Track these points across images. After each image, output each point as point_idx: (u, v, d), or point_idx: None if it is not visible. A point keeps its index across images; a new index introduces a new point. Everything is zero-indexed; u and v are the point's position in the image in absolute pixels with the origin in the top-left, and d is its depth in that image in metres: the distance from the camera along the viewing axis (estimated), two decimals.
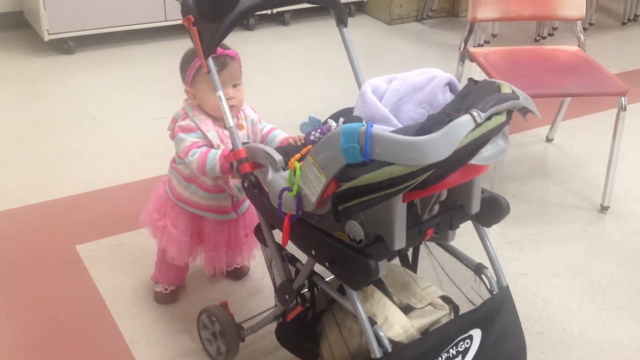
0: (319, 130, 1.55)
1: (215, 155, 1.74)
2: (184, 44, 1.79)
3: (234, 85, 1.84)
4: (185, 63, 1.84)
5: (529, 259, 2.36)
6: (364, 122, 1.40)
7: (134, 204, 2.53)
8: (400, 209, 1.38)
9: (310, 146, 1.48)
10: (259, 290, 2.16)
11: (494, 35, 4.44)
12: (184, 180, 1.90)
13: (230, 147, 1.70)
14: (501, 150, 1.43)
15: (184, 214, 1.93)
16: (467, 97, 1.41)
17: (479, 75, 2.74)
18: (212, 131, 1.82)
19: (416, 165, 1.22)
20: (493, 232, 2.46)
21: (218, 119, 1.83)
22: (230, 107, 1.80)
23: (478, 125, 1.26)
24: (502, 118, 1.34)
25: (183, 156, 1.81)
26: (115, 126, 3.18)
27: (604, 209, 2.64)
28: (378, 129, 1.27)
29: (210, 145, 1.80)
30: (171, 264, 2.04)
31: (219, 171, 1.74)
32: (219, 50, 1.77)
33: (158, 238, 1.98)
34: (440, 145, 1.22)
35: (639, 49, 4.49)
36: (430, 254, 1.87)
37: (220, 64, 1.78)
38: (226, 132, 1.80)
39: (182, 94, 1.89)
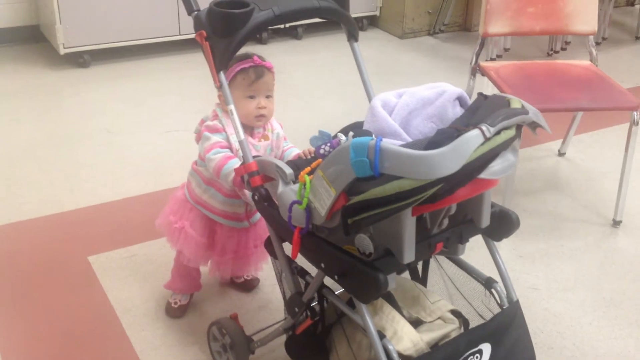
0: (328, 144, 1.56)
1: (234, 164, 1.75)
2: (198, 58, 1.82)
3: (267, 96, 1.86)
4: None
5: (540, 273, 2.35)
6: (373, 136, 1.41)
7: (145, 216, 2.56)
8: (409, 222, 1.38)
9: (320, 160, 1.48)
10: (268, 303, 2.16)
11: (506, 50, 4.44)
12: (203, 183, 1.92)
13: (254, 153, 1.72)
14: (510, 165, 1.43)
15: (201, 217, 1.94)
16: (476, 112, 1.42)
17: (491, 90, 2.75)
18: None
19: (425, 179, 1.22)
20: (504, 247, 2.45)
21: (246, 127, 1.83)
22: (260, 116, 1.84)
23: (487, 139, 1.26)
24: (511, 133, 1.34)
25: (204, 153, 1.81)
26: (129, 139, 3.22)
27: (616, 223, 2.63)
28: (387, 143, 1.27)
29: (231, 149, 1.81)
30: (185, 273, 2.05)
31: (231, 181, 1.75)
32: (257, 60, 1.81)
33: (173, 241, 1.98)
34: (449, 159, 1.22)
35: None
36: (440, 268, 1.87)
37: (257, 74, 1.82)
38: (251, 140, 1.83)
39: (195, 107, 1.91)
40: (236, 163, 1.75)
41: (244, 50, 1.70)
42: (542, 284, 2.30)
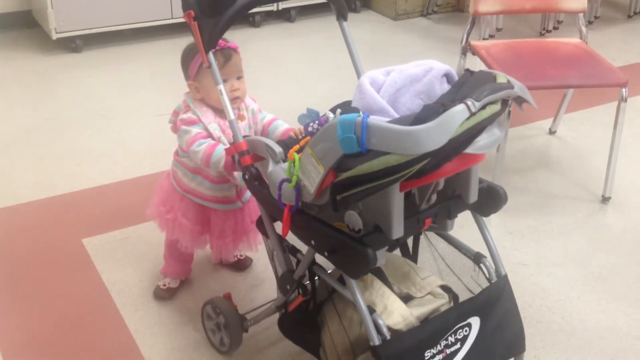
0: (317, 122, 1.58)
1: (222, 150, 1.77)
2: (190, 41, 1.82)
3: (238, 77, 1.87)
4: (188, 57, 1.87)
5: (529, 249, 2.38)
6: (360, 113, 1.42)
7: (139, 199, 2.56)
8: (397, 198, 1.40)
9: (308, 137, 1.50)
10: (261, 282, 2.19)
11: (498, 30, 4.44)
12: (189, 172, 1.93)
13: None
14: (497, 139, 1.44)
15: (193, 204, 1.96)
16: (462, 87, 1.43)
17: (481, 69, 2.76)
18: (214, 123, 1.85)
19: (412, 154, 1.24)
20: (494, 223, 2.48)
21: (219, 111, 1.86)
22: (235, 98, 1.85)
23: (472, 114, 1.28)
24: (496, 107, 1.35)
25: (187, 147, 1.84)
26: (122, 123, 3.22)
27: (605, 200, 2.66)
28: (374, 119, 1.29)
29: (212, 138, 1.83)
30: (178, 257, 2.08)
31: (222, 167, 1.77)
32: (221, 42, 1.81)
33: (168, 231, 2.01)
34: (435, 134, 1.24)
35: None
36: (430, 245, 1.89)
37: (225, 57, 1.82)
38: (227, 123, 1.84)
39: (186, 91, 1.91)
40: (223, 149, 1.77)
41: (231, 32, 1.70)
42: (532, 260, 2.32)
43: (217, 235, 1.99)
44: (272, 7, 4.51)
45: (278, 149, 1.57)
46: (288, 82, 3.71)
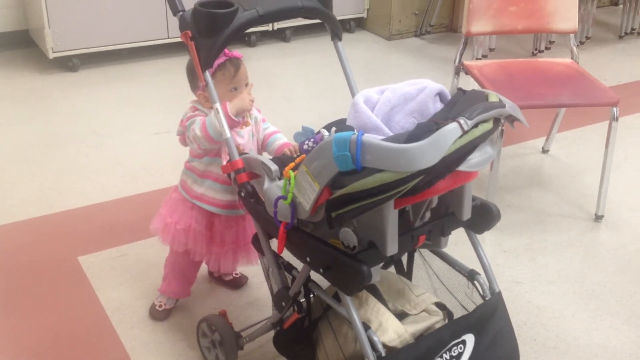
0: (312, 140, 1.60)
1: (212, 114, 1.74)
2: (186, 61, 1.84)
3: (246, 85, 1.88)
4: (192, 71, 1.84)
5: (524, 267, 2.40)
6: (355, 131, 1.45)
7: (135, 216, 2.59)
8: (392, 215, 1.41)
9: (304, 155, 1.52)
10: (257, 300, 2.19)
11: (491, 50, 4.50)
12: (199, 177, 1.92)
13: (240, 144, 1.75)
14: (489, 157, 1.47)
15: (202, 212, 1.94)
16: (455, 106, 1.46)
17: (474, 88, 2.79)
18: None
19: (406, 171, 1.26)
20: (489, 241, 2.50)
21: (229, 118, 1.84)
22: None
23: (465, 132, 1.30)
24: (488, 126, 1.37)
25: (191, 132, 1.80)
26: (118, 141, 3.24)
27: (598, 218, 2.68)
28: (368, 137, 1.31)
29: None
30: (181, 276, 2.07)
31: (221, 124, 1.70)
32: (228, 52, 1.83)
33: (178, 243, 1.95)
34: (429, 152, 1.26)
35: (636, 61, 4.54)
36: (424, 262, 1.90)
37: (235, 66, 1.84)
38: (237, 131, 1.85)
39: (184, 109, 1.92)
40: (212, 113, 1.74)
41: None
42: (526, 278, 2.34)
43: (218, 242, 1.98)
44: (268, 27, 4.56)
45: (274, 167, 1.58)
46: (283, 100, 3.74)
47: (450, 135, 1.28)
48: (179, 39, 1.69)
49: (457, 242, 1.73)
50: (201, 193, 1.93)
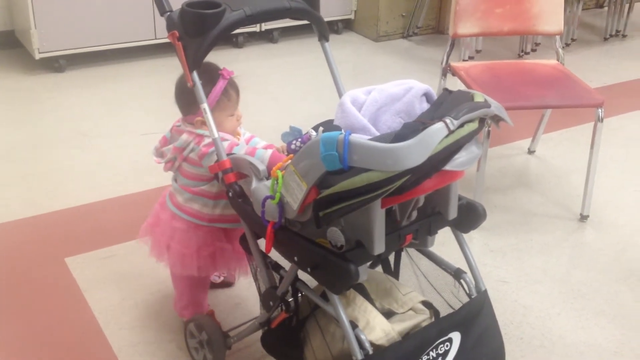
0: (299, 140, 1.60)
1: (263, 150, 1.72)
2: (173, 62, 1.83)
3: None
4: (189, 94, 1.74)
5: (510, 267, 2.41)
6: (342, 131, 1.45)
7: (123, 217, 2.58)
8: (379, 214, 1.42)
9: (291, 155, 1.53)
10: (245, 300, 2.19)
11: (478, 52, 4.53)
12: (212, 200, 1.85)
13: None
14: (475, 157, 1.48)
15: (218, 229, 1.89)
16: (441, 106, 1.47)
17: (461, 89, 2.81)
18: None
19: (392, 171, 1.27)
20: (475, 241, 2.51)
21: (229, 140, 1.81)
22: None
23: (451, 132, 1.31)
24: (474, 125, 1.39)
25: (208, 153, 1.77)
26: (105, 142, 3.23)
27: (583, 218, 2.70)
28: (356, 136, 1.32)
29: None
30: (201, 287, 2.02)
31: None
32: (226, 72, 1.82)
33: (205, 269, 1.90)
34: (415, 151, 1.27)
35: (621, 63, 4.58)
36: (411, 262, 1.92)
37: (236, 91, 1.85)
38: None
39: (171, 110, 1.91)
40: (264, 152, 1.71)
41: (214, 52, 1.72)
42: (512, 277, 2.35)
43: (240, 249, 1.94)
44: (255, 28, 4.56)
45: (261, 167, 1.59)
46: (270, 101, 3.74)
47: (436, 134, 1.29)
48: (166, 40, 1.69)
49: (443, 242, 1.74)
50: (219, 214, 1.87)
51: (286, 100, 3.80)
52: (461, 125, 1.34)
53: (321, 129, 1.57)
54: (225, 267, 1.96)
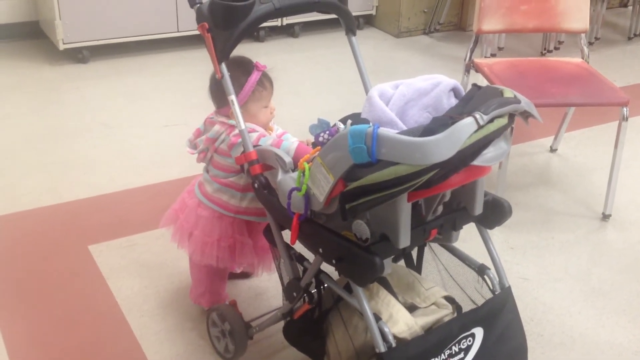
0: (327, 132, 1.61)
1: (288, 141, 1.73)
2: (195, 54, 1.86)
3: None
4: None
5: (531, 264, 2.41)
6: (370, 124, 1.46)
7: (145, 207, 2.61)
8: (405, 208, 1.43)
9: (318, 147, 1.53)
10: (266, 291, 2.21)
11: (500, 48, 4.50)
12: (240, 192, 1.88)
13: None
14: (503, 152, 1.48)
15: (242, 222, 1.91)
16: (470, 101, 1.47)
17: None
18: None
19: (420, 165, 1.27)
20: (496, 238, 2.51)
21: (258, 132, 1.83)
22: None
23: (480, 127, 1.31)
24: (503, 121, 1.38)
25: (253, 142, 1.75)
26: (127, 133, 3.26)
27: (606, 217, 2.69)
28: (384, 130, 1.32)
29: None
30: (219, 277, 2.03)
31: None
32: (260, 66, 1.87)
33: (226, 259, 1.91)
34: (444, 146, 1.27)
35: None
36: (434, 257, 1.92)
37: (270, 82, 1.89)
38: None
39: (193, 103, 1.93)
40: (290, 144, 1.72)
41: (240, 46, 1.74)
42: (533, 275, 2.35)
43: (262, 245, 1.95)
44: (277, 23, 4.57)
45: (287, 159, 1.60)
46: (291, 95, 3.75)
47: (465, 129, 1.29)
48: (188, 33, 1.71)
49: (465, 239, 1.74)
50: (245, 207, 1.89)
51: (306, 95, 3.80)
52: (491, 121, 1.33)
53: (349, 121, 1.58)
54: (244, 262, 1.97)
